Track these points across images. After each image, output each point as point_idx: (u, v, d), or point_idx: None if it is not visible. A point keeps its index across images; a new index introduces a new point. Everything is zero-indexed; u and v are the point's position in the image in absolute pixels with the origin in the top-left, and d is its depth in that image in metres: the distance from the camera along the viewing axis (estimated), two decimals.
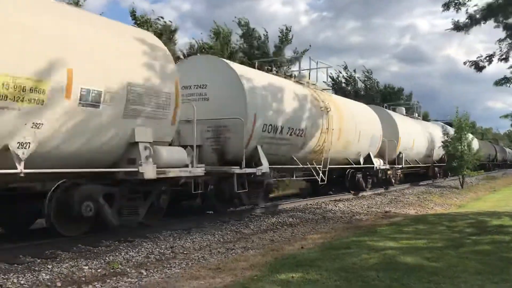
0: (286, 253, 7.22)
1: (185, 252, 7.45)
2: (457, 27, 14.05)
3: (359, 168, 17.47)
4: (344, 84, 36.82)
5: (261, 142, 11.63)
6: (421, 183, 25.04)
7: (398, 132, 21.04)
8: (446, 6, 13.58)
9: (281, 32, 25.06)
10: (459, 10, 13.57)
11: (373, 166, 18.02)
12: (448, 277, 5.65)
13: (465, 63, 15.43)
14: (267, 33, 24.77)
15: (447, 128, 27.67)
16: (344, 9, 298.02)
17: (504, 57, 14.52)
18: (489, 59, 14.79)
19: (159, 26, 20.51)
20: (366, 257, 6.78)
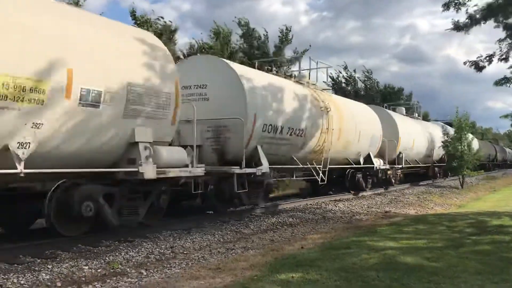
0: (286, 253, 7.21)
1: (185, 252, 7.45)
2: (457, 27, 14.05)
3: (359, 168, 17.47)
4: (344, 84, 36.81)
5: (261, 142, 11.63)
6: (421, 183, 25.02)
7: (398, 132, 21.04)
8: (446, 6, 13.59)
9: (281, 32, 25.09)
10: (459, 10, 13.60)
11: (373, 166, 18.02)
12: (448, 277, 5.65)
13: (465, 63, 15.47)
14: (267, 33, 24.82)
15: (447, 128, 27.66)
16: (344, 9, 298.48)
17: (504, 57, 14.54)
18: (489, 59, 14.79)
19: (159, 26, 20.50)
20: (366, 257, 6.78)
